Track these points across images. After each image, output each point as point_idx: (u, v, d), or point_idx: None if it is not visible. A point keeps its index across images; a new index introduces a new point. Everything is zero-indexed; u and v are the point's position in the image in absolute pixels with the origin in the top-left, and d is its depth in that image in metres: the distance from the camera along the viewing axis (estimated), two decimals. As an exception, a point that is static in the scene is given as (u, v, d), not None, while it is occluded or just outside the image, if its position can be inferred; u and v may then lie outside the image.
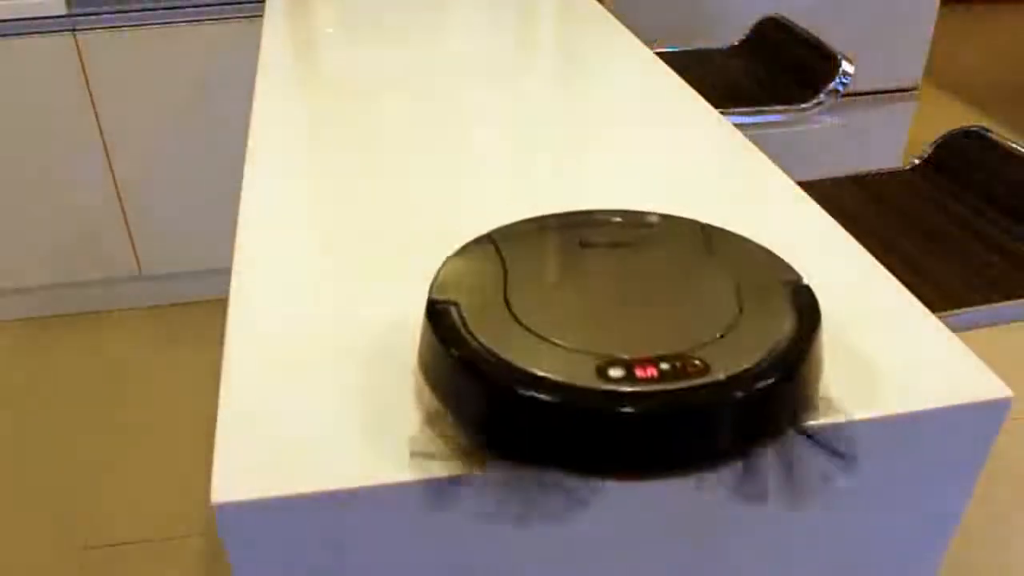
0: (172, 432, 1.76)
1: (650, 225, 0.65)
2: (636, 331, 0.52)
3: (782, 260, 0.60)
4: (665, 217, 0.66)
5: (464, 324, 0.53)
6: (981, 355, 0.60)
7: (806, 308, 0.54)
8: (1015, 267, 0.96)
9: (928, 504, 0.60)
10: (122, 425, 1.79)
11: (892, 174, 1.19)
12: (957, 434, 0.57)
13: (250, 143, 0.95)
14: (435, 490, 0.50)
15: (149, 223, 2.02)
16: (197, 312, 2.15)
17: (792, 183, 0.85)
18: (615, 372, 0.48)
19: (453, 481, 0.50)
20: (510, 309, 0.54)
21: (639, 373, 0.48)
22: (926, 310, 0.65)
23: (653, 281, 0.58)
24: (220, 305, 2.16)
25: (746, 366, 0.48)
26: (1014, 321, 0.92)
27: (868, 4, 2.12)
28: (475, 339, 0.51)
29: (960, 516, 0.61)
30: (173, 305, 2.18)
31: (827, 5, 2.10)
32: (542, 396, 0.47)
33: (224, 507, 0.50)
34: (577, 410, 0.47)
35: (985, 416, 0.57)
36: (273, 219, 0.80)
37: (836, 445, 0.53)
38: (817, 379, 0.55)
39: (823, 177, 1.19)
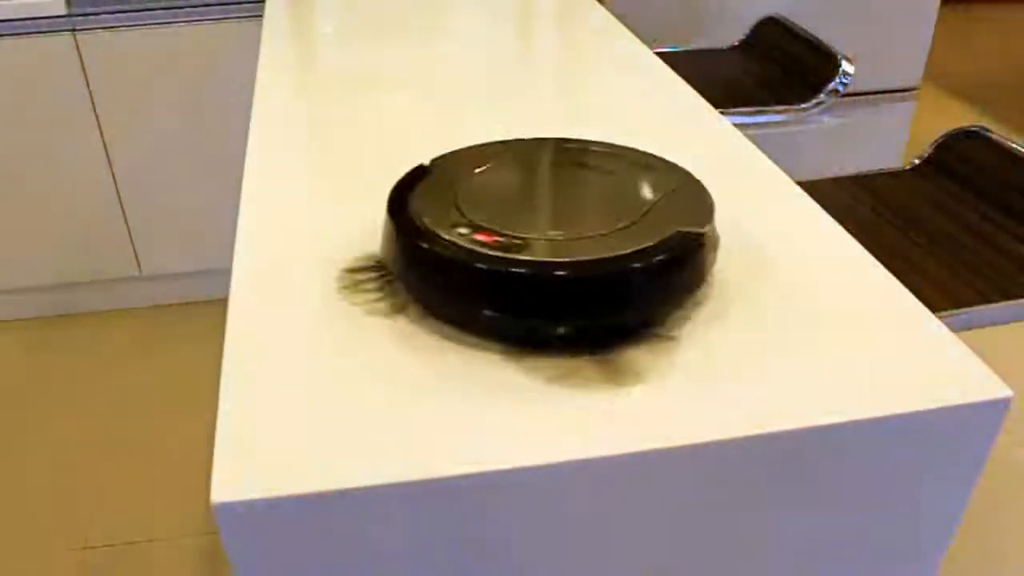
0: (172, 432, 1.76)
1: (591, 151, 0.77)
2: (546, 219, 0.65)
3: (698, 182, 0.71)
4: (608, 145, 0.78)
5: (416, 213, 0.65)
6: (981, 355, 0.60)
7: (703, 210, 0.66)
8: (1015, 267, 0.96)
9: (928, 504, 0.60)
10: (122, 425, 1.79)
11: (892, 174, 1.19)
12: (957, 434, 0.57)
13: (250, 143, 0.95)
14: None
15: (149, 223, 2.02)
16: (197, 312, 2.15)
17: (792, 183, 0.85)
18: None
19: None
20: (456, 204, 0.66)
21: (481, 237, 0.61)
22: (926, 310, 0.65)
23: (580, 189, 0.71)
24: (220, 305, 2.15)
25: (605, 255, 0.59)
26: (1014, 321, 0.92)
27: (868, 4, 2.12)
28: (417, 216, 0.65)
29: (960, 516, 0.61)
30: (173, 305, 2.18)
31: (827, 5, 2.10)
32: (440, 252, 0.60)
33: (224, 507, 0.50)
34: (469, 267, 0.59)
35: (985, 416, 0.57)
36: (273, 219, 0.80)
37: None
38: (703, 265, 0.64)
39: (823, 177, 1.19)
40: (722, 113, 1.01)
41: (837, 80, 1.37)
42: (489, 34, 1.33)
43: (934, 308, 0.65)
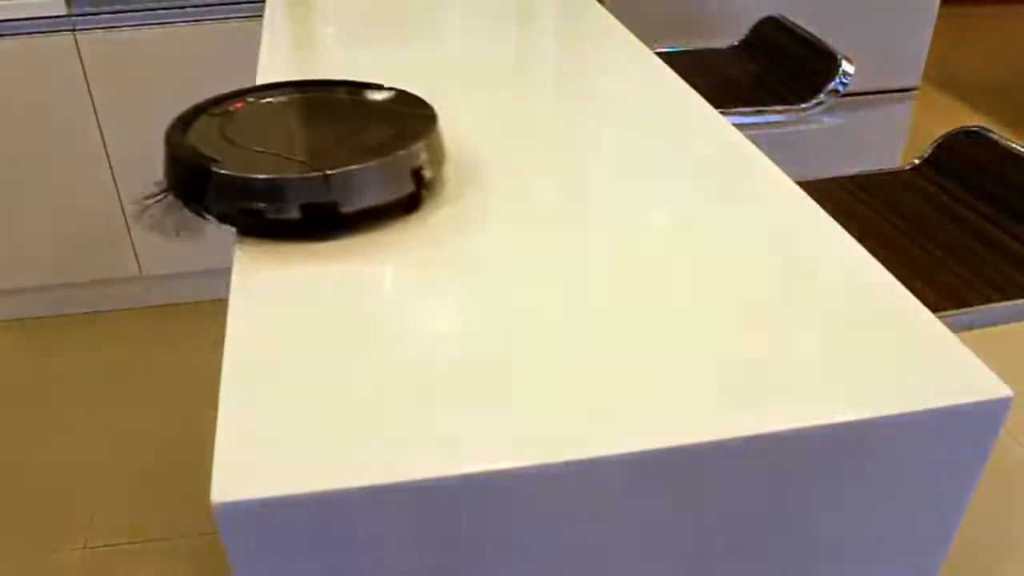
0: (172, 432, 1.76)
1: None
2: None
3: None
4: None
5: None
6: (981, 355, 0.60)
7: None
8: (1015, 267, 0.96)
9: (928, 504, 0.60)
10: (122, 425, 1.79)
11: (892, 174, 1.19)
12: (957, 434, 0.57)
13: (250, 143, 0.95)
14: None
15: (149, 223, 2.02)
16: (197, 312, 2.15)
17: (792, 183, 0.85)
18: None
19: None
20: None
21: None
22: (926, 310, 0.65)
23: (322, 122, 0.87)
24: (220, 305, 2.15)
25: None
26: (1014, 321, 0.92)
27: (868, 4, 2.12)
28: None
29: (960, 516, 0.61)
30: (173, 305, 2.18)
31: (827, 5, 2.10)
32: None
33: (224, 507, 0.50)
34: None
35: (985, 416, 0.57)
36: (273, 219, 0.80)
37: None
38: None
39: (823, 177, 1.19)
40: (722, 113, 1.01)
41: (837, 80, 1.37)
42: (488, 34, 1.33)
43: (934, 308, 0.65)
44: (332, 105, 0.90)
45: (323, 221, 0.75)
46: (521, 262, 0.72)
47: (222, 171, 0.74)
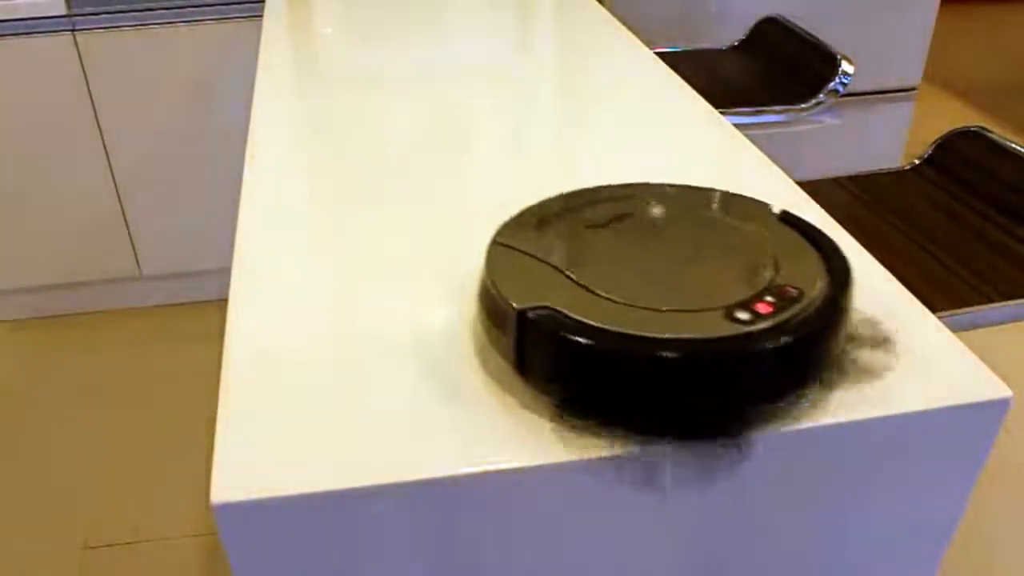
0: (172, 432, 1.76)
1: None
2: (705, 283, 0.55)
3: (804, 220, 0.64)
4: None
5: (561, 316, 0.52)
6: (981, 355, 0.60)
7: (832, 256, 0.59)
8: (1015, 267, 0.96)
9: (928, 504, 0.60)
10: (122, 425, 1.79)
11: (892, 174, 1.19)
12: (957, 434, 0.57)
13: (250, 143, 0.95)
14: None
15: (149, 223, 2.02)
16: (197, 312, 2.15)
17: (792, 183, 0.85)
18: (742, 315, 0.50)
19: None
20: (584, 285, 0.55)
21: (761, 309, 0.50)
22: (926, 310, 0.65)
23: (694, 243, 0.61)
24: (220, 305, 2.15)
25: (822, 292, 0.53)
26: (1014, 321, 0.92)
27: (868, 4, 2.12)
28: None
29: (960, 516, 0.61)
30: (173, 305, 2.18)
31: (827, 5, 2.10)
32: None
33: (224, 507, 0.50)
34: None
35: (985, 416, 0.57)
36: (273, 220, 0.80)
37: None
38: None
39: (823, 177, 1.19)
40: (722, 113, 1.01)
41: (837, 80, 1.37)
42: (488, 35, 1.33)
43: (934, 308, 0.65)
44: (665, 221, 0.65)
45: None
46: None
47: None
